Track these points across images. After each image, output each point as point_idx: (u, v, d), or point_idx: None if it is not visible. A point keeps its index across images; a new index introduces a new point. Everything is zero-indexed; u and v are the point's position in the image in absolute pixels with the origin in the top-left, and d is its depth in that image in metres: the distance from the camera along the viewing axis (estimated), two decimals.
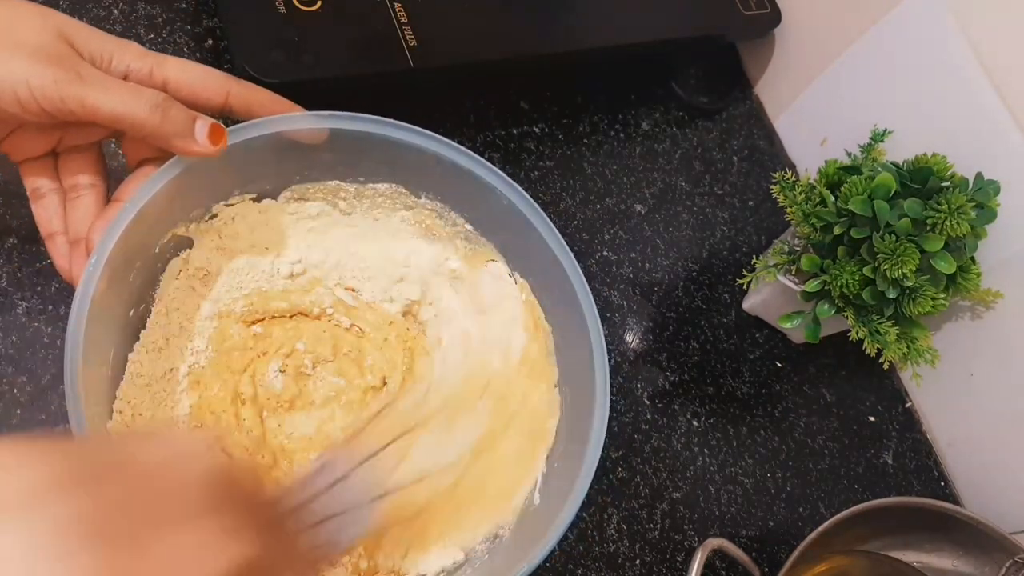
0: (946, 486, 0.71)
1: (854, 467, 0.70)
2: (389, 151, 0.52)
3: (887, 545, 0.62)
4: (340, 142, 0.51)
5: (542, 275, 0.56)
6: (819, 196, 0.61)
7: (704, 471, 0.65)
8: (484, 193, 0.53)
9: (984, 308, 0.65)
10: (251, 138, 0.48)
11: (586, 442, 0.49)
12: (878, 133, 0.66)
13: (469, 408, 0.56)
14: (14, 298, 0.54)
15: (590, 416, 0.50)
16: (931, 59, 0.65)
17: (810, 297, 0.61)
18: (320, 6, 0.59)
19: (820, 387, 0.72)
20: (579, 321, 0.52)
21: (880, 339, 0.59)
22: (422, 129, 0.52)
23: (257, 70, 0.55)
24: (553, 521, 0.47)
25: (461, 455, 0.54)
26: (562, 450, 0.54)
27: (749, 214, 0.77)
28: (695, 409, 0.67)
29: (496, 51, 0.65)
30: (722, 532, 0.64)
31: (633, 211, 0.73)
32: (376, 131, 0.51)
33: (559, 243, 0.54)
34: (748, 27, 0.76)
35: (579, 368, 0.53)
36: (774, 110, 0.82)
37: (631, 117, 0.77)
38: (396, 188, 0.56)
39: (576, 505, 0.47)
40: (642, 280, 0.71)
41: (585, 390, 0.51)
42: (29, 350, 0.53)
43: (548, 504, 0.51)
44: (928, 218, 0.57)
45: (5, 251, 0.54)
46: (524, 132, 0.72)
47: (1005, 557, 0.59)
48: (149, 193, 0.45)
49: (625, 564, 0.60)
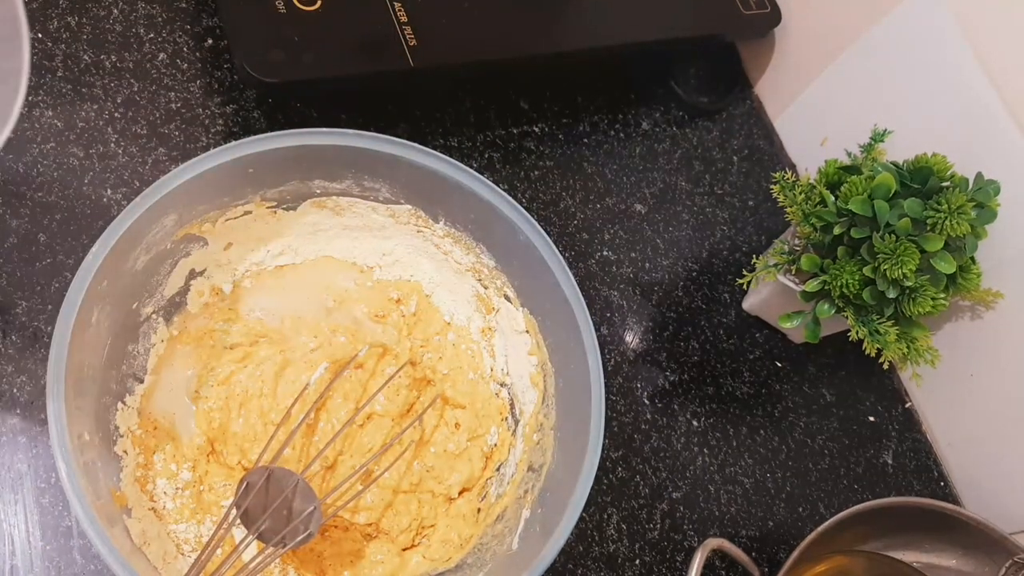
0: (946, 486, 0.71)
1: (854, 467, 0.70)
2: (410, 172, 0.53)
3: (887, 545, 0.62)
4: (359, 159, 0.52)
5: (547, 308, 0.56)
6: (819, 196, 0.61)
7: (704, 471, 0.65)
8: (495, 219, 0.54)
9: (984, 308, 0.65)
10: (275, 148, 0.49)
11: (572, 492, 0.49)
12: (878, 133, 0.66)
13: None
14: (14, 298, 0.54)
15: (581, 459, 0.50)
16: (931, 59, 0.65)
17: (810, 297, 0.61)
18: (320, 6, 0.59)
19: (820, 387, 0.72)
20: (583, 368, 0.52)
21: (880, 339, 0.59)
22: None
23: (257, 70, 0.55)
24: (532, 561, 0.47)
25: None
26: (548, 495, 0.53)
27: (749, 214, 0.77)
28: (695, 409, 0.67)
29: (496, 51, 0.65)
30: (722, 532, 0.64)
31: (633, 211, 0.73)
32: (401, 153, 0.52)
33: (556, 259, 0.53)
34: (748, 27, 0.76)
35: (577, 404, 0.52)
36: (774, 110, 0.82)
37: (631, 117, 0.77)
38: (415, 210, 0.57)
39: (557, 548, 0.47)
40: (642, 280, 0.71)
41: (581, 436, 0.51)
42: (29, 350, 0.53)
43: (527, 547, 0.51)
44: (928, 218, 0.57)
45: (5, 251, 0.54)
46: (524, 132, 0.72)
47: (1005, 557, 0.59)
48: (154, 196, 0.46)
49: (625, 564, 0.60)
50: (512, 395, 0.60)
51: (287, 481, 0.47)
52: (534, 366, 0.58)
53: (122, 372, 0.51)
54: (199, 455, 0.53)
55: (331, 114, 0.65)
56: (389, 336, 0.59)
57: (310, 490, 0.47)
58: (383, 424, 0.55)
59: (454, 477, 0.56)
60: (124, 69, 0.62)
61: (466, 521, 0.56)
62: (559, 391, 0.56)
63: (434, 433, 0.57)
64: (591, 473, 0.49)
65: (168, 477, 0.51)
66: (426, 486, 0.56)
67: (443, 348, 0.60)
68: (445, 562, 0.54)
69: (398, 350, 0.58)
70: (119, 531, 0.45)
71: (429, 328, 0.60)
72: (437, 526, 0.55)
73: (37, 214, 0.56)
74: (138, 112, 0.62)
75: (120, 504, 0.47)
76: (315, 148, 0.51)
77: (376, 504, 0.54)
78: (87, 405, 0.46)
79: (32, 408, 0.52)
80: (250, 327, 0.56)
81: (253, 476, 0.47)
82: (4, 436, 0.51)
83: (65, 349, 0.42)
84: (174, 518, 0.50)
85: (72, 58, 0.62)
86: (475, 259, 0.59)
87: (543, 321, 0.57)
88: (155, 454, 0.52)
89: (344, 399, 0.55)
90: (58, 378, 0.42)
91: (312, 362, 0.56)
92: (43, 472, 0.51)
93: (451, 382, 0.59)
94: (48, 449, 0.51)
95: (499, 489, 0.57)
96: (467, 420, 0.58)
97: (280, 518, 0.46)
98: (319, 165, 0.53)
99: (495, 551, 0.53)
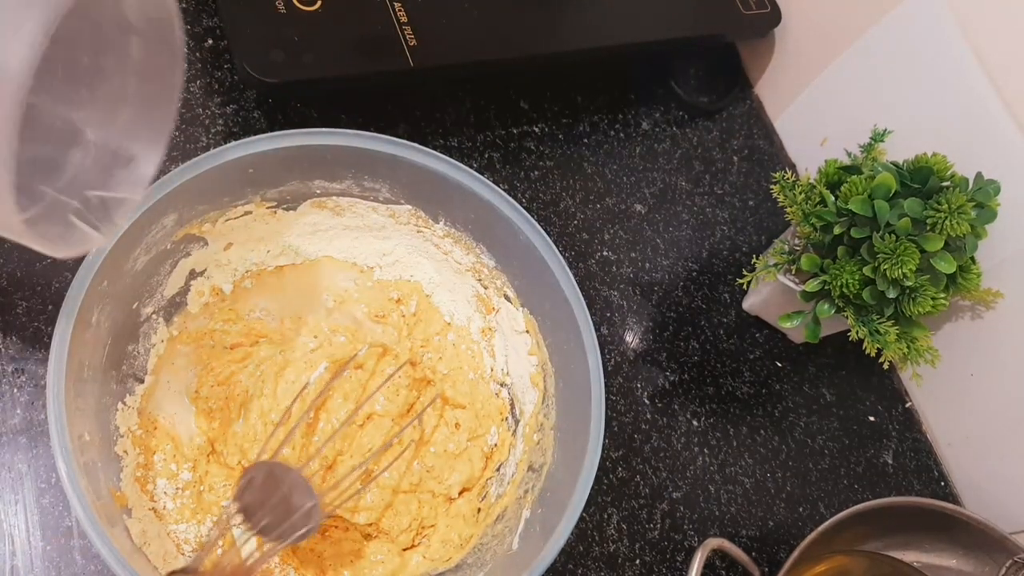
0: (946, 486, 0.71)
1: (854, 467, 0.70)
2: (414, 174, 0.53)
3: (887, 545, 0.62)
4: (360, 160, 0.52)
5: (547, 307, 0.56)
6: (819, 196, 0.61)
7: (704, 471, 0.65)
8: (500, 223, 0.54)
9: (984, 308, 0.65)
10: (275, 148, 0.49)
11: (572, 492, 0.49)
12: (878, 133, 0.66)
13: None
14: (14, 298, 0.54)
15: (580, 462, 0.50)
16: (931, 59, 0.65)
17: (810, 297, 0.61)
18: (320, 6, 0.59)
19: (820, 387, 0.72)
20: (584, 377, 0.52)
21: (880, 339, 0.59)
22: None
23: (257, 70, 0.55)
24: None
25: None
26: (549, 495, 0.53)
27: (749, 214, 0.77)
28: (695, 409, 0.67)
29: (496, 51, 0.65)
30: (722, 532, 0.63)
31: (633, 211, 0.73)
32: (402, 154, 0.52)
33: (558, 262, 0.53)
34: (748, 27, 0.76)
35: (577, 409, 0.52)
36: (774, 110, 0.82)
37: (631, 117, 0.77)
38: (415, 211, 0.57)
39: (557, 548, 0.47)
40: (642, 280, 0.71)
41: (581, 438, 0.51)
42: (29, 350, 0.53)
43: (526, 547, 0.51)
44: (928, 218, 0.57)
45: (5, 251, 0.54)
46: (524, 132, 0.72)
47: (1005, 557, 0.59)
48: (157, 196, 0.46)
49: (625, 564, 0.60)
50: (512, 395, 0.60)
51: (286, 476, 0.47)
52: (534, 366, 0.58)
53: (122, 372, 0.51)
54: (199, 455, 0.53)
55: (331, 114, 0.65)
56: (389, 336, 0.59)
57: (308, 486, 0.47)
58: (383, 424, 0.55)
59: (454, 477, 0.56)
60: None
61: (466, 521, 0.56)
62: (559, 391, 0.56)
63: (434, 433, 0.57)
64: (591, 473, 0.49)
65: (168, 477, 0.51)
66: (426, 486, 0.56)
67: (443, 348, 0.60)
68: (445, 562, 0.54)
69: (398, 350, 0.58)
70: (119, 531, 0.45)
71: (429, 328, 0.60)
72: (437, 526, 0.55)
73: None
74: None
75: (120, 504, 0.47)
76: (315, 148, 0.51)
77: (376, 504, 0.54)
78: (87, 405, 0.46)
79: (32, 408, 0.52)
80: (250, 327, 0.56)
81: (253, 471, 0.47)
82: (4, 436, 0.51)
83: (65, 349, 0.42)
84: (174, 518, 0.50)
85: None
86: (475, 259, 0.59)
87: (543, 321, 0.57)
88: (155, 454, 0.52)
89: (344, 399, 0.55)
90: (58, 378, 0.42)
91: (312, 362, 0.56)
92: (43, 472, 0.51)
93: (451, 382, 0.59)
94: (48, 449, 0.51)
95: (499, 489, 0.57)
96: (467, 420, 0.58)
97: (279, 513, 0.46)
98: (319, 165, 0.53)
99: (495, 551, 0.53)
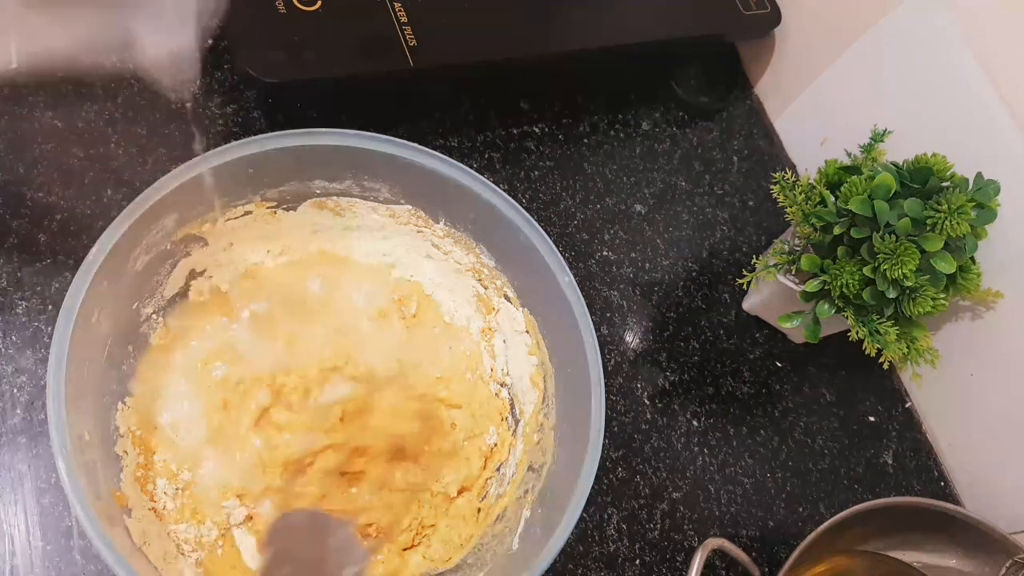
0: (946, 486, 0.71)
1: (854, 467, 0.69)
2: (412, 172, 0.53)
3: (887, 545, 0.62)
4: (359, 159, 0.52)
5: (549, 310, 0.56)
6: (819, 196, 0.61)
7: (704, 471, 0.65)
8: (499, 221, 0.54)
9: (984, 308, 0.65)
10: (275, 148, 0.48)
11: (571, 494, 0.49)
12: (878, 133, 0.66)
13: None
14: (14, 298, 0.54)
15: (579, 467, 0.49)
16: (931, 59, 0.65)
17: (810, 297, 0.61)
18: (320, 6, 0.59)
19: (820, 387, 0.72)
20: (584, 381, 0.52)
21: (880, 339, 0.59)
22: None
23: (257, 70, 0.55)
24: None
25: None
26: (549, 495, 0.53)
27: (749, 214, 0.77)
28: (695, 409, 0.67)
29: (496, 51, 0.65)
30: (722, 532, 0.63)
31: (633, 211, 0.73)
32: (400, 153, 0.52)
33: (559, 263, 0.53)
34: (748, 27, 0.76)
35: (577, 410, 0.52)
36: (774, 110, 0.82)
37: (631, 117, 0.77)
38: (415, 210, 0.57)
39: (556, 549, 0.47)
40: (642, 280, 0.71)
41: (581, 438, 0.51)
42: (29, 350, 0.53)
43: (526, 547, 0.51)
44: (928, 218, 0.57)
45: (5, 251, 0.54)
46: (524, 132, 0.72)
47: (1005, 557, 0.59)
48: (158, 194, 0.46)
49: (625, 564, 0.60)
50: (512, 395, 0.60)
51: (333, 530, 0.42)
52: (534, 366, 0.58)
53: (122, 372, 0.51)
54: (199, 455, 0.53)
55: (331, 114, 0.65)
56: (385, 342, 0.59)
57: (361, 547, 0.42)
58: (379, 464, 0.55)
59: (450, 476, 0.56)
60: (125, 69, 0.62)
61: (466, 521, 0.56)
62: (559, 391, 0.56)
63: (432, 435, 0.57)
64: (591, 473, 0.49)
65: (168, 477, 0.51)
66: (424, 485, 0.56)
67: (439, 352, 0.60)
68: (445, 562, 0.54)
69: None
70: (119, 531, 0.45)
71: (429, 328, 0.60)
72: (437, 526, 0.55)
73: (37, 214, 0.56)
74: (138, 112, 0.62)
75: (120, 504, 0.47)
76: (315, 148, 0.51)
77: (376, 504, 0.54)
78: (87, 405, 0.46)
79: (32, 408, 0.52)
80: (250, 327, 0.56)
81: (292, 516, 0.43)
82: (4, 436, 0.51)
83: (65, 349, 0.42)
84: (174, 518, 0.50)
85: None
86: (475, 259, 0.59)
87: (543, 321, 0.57)
88: (155, 454, 0.52)
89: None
90: (58, 378, 0.42)
91: (312, 362, 0.56)
92: (43, 472, 0.51)
93: (446, 383, 0.59)
94: (48, 449, 0.51)
95: (499, 489, 0.57)
96: (463, 420, 0.58)
97: (305, 567, 0.41)
98: (319, 165, 0.53)
99: (495, 551, 0.53)
